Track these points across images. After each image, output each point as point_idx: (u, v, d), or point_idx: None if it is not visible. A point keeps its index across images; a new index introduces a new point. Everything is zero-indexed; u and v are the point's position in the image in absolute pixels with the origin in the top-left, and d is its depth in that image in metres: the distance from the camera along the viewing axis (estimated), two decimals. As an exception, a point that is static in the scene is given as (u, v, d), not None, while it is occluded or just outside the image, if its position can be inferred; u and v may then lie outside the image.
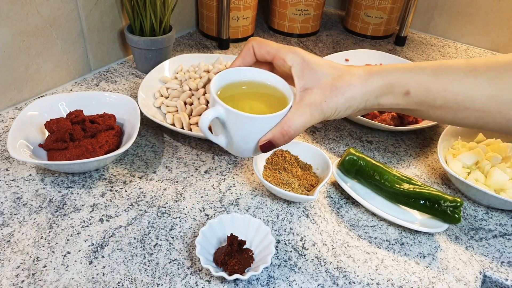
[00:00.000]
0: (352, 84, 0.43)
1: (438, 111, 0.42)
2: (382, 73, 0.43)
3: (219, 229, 0.48)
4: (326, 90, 0.43)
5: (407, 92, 0.42)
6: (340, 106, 0.43)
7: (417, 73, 0.42)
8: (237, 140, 0.45)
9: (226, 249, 0.45)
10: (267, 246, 0.46)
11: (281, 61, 0.45)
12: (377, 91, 0.43)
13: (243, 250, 0.46)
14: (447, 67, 0.42)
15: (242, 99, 0.47)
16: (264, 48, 0.46)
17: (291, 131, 0.43)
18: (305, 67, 0.44)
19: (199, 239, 0.46)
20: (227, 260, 0.44)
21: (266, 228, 0.48)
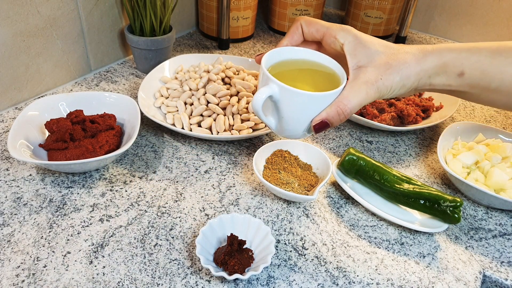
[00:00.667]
0: (407, 62, 0.42)
1: (492, 94, 0.41)
2: (436, 52, 0.42)
3: (219, 229, 0.49)
4: (380, 68, 0.42)
5: (462, 73, 0.41)
6: (395, 84, 0.42)
7: (473, 54, 0.41)
8: (289, 120, 0.44)
9: (226, 249, 0.45)
10: (267, 246, 0.46)
11: (332, 38, 0.44)
12: (431, 70, 0.42)
13: (243, 250, 0.46)
14: (507, 49, 0.40)
15: (292, 78, 0.46)
16: (314, 26, 0.45)
17: (347, 109, 0.42)
18: (357, 44, 0.43)
19: (199, 239, 0.46)
20: (227, 260, 0.44)
21: (266, 228, 0.48)
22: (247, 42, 0.99)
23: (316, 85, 0.45)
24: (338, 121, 0.43)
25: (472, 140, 0.65)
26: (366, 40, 0.43)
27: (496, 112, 0.80)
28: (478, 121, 0.77)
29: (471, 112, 0.80)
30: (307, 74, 0.47)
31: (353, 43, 0.43)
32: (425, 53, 0.42)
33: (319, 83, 0.46)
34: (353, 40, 0.43)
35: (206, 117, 0.64)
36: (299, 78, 0.46)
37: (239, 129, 0.63)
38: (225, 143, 0.65)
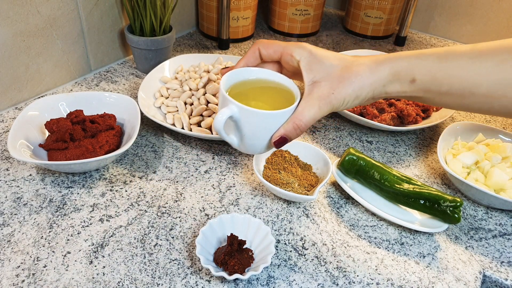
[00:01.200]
0: (360, 74, 0.44)
1: (444, 97, 0.43)
2: (388, 61, 0.44)
3: (219, 229, 0.49)
4: (334, 82, 0.44)
5: (413, 79, 0.43)
6: (348, 96, 0.44)
7: (422, 60, 0.42)
8: (249, 138, 0.46)
9: (226, 249, 0.45)
10: (267, 246, 0.46)
11: (289, 56, 0.46)
12: (384, 79, 0.43)
13: (243, 250, 0.46)
14: (453, 53, 0.42)
15: (250, 97, 0.48)
16: (271, 47, 0.47)
17: (302, 124, 0.44)
18: (312, 60, 0.45)
19: (199, 239, 0.46)
20: (227, 260, 0.44)
21: (266, 228, 0.48)
22: (247, 42, 0.99)
23: (274, 102, 0.48)
24: (295, 135, 0.45)
25: (472, 140, 0.65)
26: (321, 55, 0.45)
27: (496, 112, 0.80)
28: (478, 121, 0.77)
29: (471, 112, 0.80)
30: (265, 93, 0.49)
31: (308, 59, 0.45)
32: (377, 63, 0.44)
33: (276, 101, 0.48)
34: (308, 56, 0.45)
35: (206, 117, 0.64)
36: (258, 97, 0.49)
37: (239, 129, 0.63)
38: (225, 143, 0.65)
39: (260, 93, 0.49)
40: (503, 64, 0.39)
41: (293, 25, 1.01)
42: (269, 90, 0.49)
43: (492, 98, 0.40)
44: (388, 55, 0.45)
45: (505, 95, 0.39)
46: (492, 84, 0.40)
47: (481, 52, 0.41)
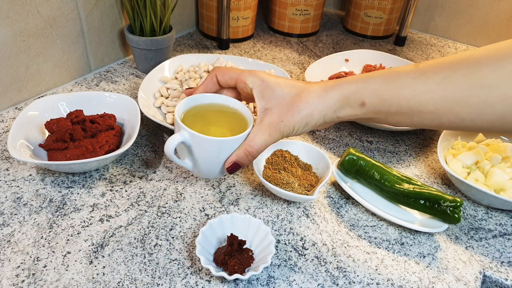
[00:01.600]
0: (309, 102, 0.45)
1: (395, 117, 0.44)
2: (337, 87, 0.45)
3: (219, 229, 0.49)
4: (284, 110, 0.46)
5: (363, 103, 0.44)
6: (298, 124, 0.46)
7: (369, 84, 0.44)
8: (202, 163, 0.48)
9: (226, 249, 0.45)
10: (267, 246, 0.46)
11: (243, 84, 0.48)
12: (334, 105, 0.45)
13: (243, 250, 0.46)
14: (397, 75, 0.43)
15: (205, 123, 0.50)
16: (227, 74, 0.49)
17: (253, 151, 0.46)
18: (264, 88, 0.46)
19: (199, 239, 0.46)
20: (227, 260, 0.44)
21: (266, 228, 0.48)
22: (247, 42, 0.99)
23: (228, 127, 0.50)
24: (247, 161, 0.47)
25: (472, 140, 0.65)
26: (273, 83, 0.46)
27: (496, 112, 0.80)
28: (478, 121, 0.77)
29: (471, 112, 0.80)
30: (220, 117, 0.51)
31: (260, 87, 0.47)
32: (326, 90, 0.45)
33: (231, 125, 0.50)
34: (260, 84, 0.47)
35: (206, 117, 0.64)
36: (213, 122, 0.51)
37: (239, 129, 0.63)
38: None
39: (215, 118, 0.51)
40: (445, 82, 0.40)
41: (293, 25, 1.01)
42: (225, 115, 0.51)
43: (440, 114, 0.41)
44: (337, 80, 0.46)
45: (451, 111, 0.40)
46: (437, 101, 0.41)
47: (425, 71, 0.41)
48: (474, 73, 0.38)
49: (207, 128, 0.49)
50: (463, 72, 0.39)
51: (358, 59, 0.86)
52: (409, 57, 0.98)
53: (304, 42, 1.02)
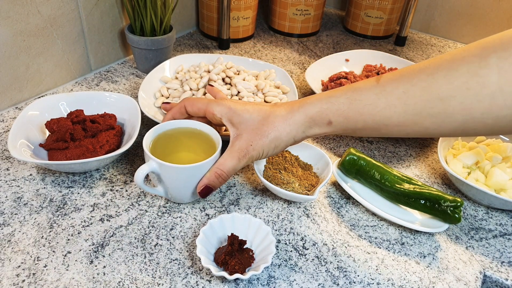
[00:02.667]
0: (275, 125, 0.46)
1: (362, 131, 0.45)
2: (302, 108, 0.46)
3: (219, 229, 0.49)
4: (252, 134, 0.47)
5: (329, 122, 0.45)
6: (266, 147, 0.47)
7: (333, 104, 0.44)
8: (174, 189, 0.50)
9: (226, 249, 0.45)
10: (268, 246, 0.46)
11: (211, 114, 0.50)
12: (302, 126, 0.46)
13: (244, 250, 0.46)
14: (359, 92, 0.44)
15: (174, 149, 0.52)
16: (196, 105, 0.51)
17: (223, 173, 0.48)
18: (232, 115, 0.48)
19: (200, 239, 0.46)
20: (228, 259, 0.44)
21: (267, 227, 0.48)
22: (248, 42, 0.99)
23: (198, 150, 0.52)
24: (218, 184, 0.49)
25: (473, 140, 0.65)
26: (240, 109, 0.48)
27: (497, 112, 0.80)
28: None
29: (471, 112, 0.80)
30: (189, 142, 0.53)
31: (228, 115, 0.48)
32: (292, 113, 0.46)
33: (200, 148, 0.52)
34: (227, 112, 0.48)
35: (206, 117, 0.64)
36: (182, 147, 0.53)
37: (239, 129, 0.63)
38: (225, 143, 0.65)
39: (184, 143, 0.53)
40: (405, 96, 0.41)
41: (293, 25, 1.01)
42: (193, 139, 0.53)
43: (405, 126, 0.42)
44: (301, 101, 0.47)
45: (415, 123, 0.41)
46: (400, 115, 0.41)
47: (384, 86, 0.42)
48: (431, 86, 0.39)
49: (176, 154, 0.52)
50: (421, 85, 0.40)
51: (358, 59, 0.86)
52: (409, 57, 0.98)
53: (305, 42, 1.02)
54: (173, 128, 0.54)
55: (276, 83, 0.73)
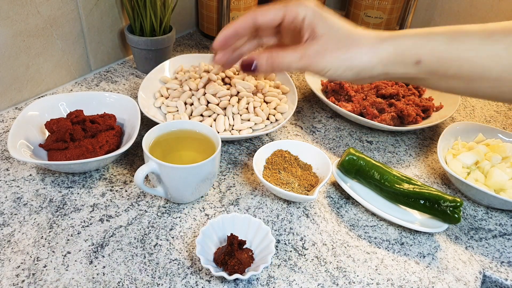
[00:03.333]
0: (360, 45, 0.40)
1: (450, 81, 0.40)
2: (392, 39, 0.40)
3: (219, 229, 0.49)
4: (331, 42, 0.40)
5: (418, 61, 0.39)
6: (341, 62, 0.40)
7: (429, 41, 0.39)
8: (173, 189, 0.50)
9: (226, 249, 0.45)
10: (267, 246, 0.46)
11: (294, 13, 0.42)
12: (386, 59, 0.40)
13: (243, 250, 0.46)
14: (463, 34, 0.38)
15: (175, 149, 0.53)
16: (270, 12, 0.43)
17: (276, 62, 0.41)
18: (319, 18, 0.41)
19: (199, 239, 0.46)
20: (227, 260, 0.44)
21: (266, 227, 0.48)
22: (247, 42, 0.99)
23: (196, 152, 0.53)
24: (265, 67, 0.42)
25: (472, 140, 0.65)
26: (326, 15, 0.42)
27: (496, 112, 0.80)
28: (478, 121, 0.77)
29: (471, 112, 0.80)
30: (189, 142, 0.54)
31: (313, 16, 0.41)
32: (380, 40, 0.40)
33: (199, 148, 0.53)
34: (313, 14, 0.41)
35: (206, 117, 0.64)
36: (182, 147, 0.53)
37: (239, 129, 0.63)
38: (225, 143, 0.65)
39: (185, 143, 0.53)
40: None
41: (293, 25, 1.01)
42: (193, 139, 0.54)
43: (503, 82, 0.37)
44: (393, 32, 0.41)
45: None
46: (504, 68, 0.37)
47: (494, 33, 0.38)
48: None
49: (177, 153, 0.52)
50: None
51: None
52: (409, 57, 0.98)
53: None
54: (173, 129, 0.54)
55: (275, 83, 0.73)
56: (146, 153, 0.48)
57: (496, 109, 0.81)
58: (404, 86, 0.78)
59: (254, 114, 0.65)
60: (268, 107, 0.67)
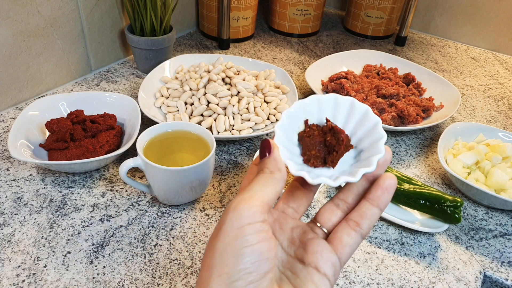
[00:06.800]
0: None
1: None
2: None
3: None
4: None
5: None
6: None
7: None
8: (157, 188, 0.50)
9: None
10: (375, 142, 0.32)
11: None
12: None
13: None
14: None
15: (171, 148, 0.53)
16: None
17: None
18: None
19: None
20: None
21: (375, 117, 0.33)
22: (248, 42, 0.99)
23: (191, 154, 0.53)
24: None
25: (473, 140, 0.65)
26: None
27: (497, 112, 0.80)
28: (478, 121, 0.77)
29: (471, 112, 0.80)
30: (184, 143, 0.54)
31: None
32: None
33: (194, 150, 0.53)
34: None
35: (206, 117, 0.64)
36: (177, 148, 0.53)
37: (239, 129, 0.63)
38: (225, 143, 0.65)
39: (181, 144, 0.53)
40: None
41: (293, 25, 1.01)
42: (189, 140, 0.54)
43: None
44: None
45: None
46: None
47: None
48: None
49: (173, 154, 0.52)
50: None
51: (358, 59, 0.86)
52: (409, 57, 0.98)
53: (305, 42, 1.02)
54: (168, 130, 0.54)
55: (276, 83, 0.73)
56: (138, 149, 0.49)
57: (497, 109, 0.81)
58: (404, 86, 0.78)
59: (254, 114, 0.65)
60: (268, 107, 0.67)
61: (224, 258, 0.27)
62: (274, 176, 0.30)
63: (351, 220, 0.32)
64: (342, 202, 0.34)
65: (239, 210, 0.28)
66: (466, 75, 0.93)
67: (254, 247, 0.27)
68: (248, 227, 0.27)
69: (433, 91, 0.79)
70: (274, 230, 0.33)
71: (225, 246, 0.27)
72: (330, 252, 0.31)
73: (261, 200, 0.29)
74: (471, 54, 1.03)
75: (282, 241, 0.33)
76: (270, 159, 0.31)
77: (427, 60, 0.98)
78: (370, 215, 0.32)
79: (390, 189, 0.32)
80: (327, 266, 0.30)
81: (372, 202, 0.32)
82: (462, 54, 1.02)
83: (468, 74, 0.93)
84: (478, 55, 1.03)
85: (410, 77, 0.81)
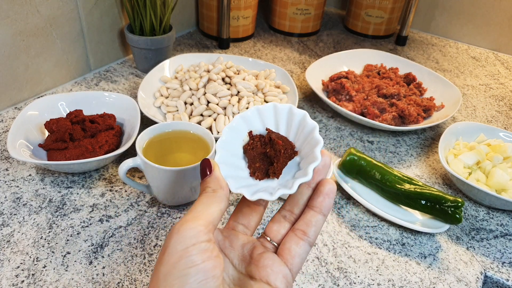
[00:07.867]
0: None
1: None
2: None
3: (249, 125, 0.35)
4: None
5: None
6: None
7: None
8: (155, 188, 0.50)
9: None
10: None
11: None
12: None
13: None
14: None
15: (168, 150, 0.52)
16: None
17: None
18: None
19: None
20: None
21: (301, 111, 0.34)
22: (248, 42, 0.98)
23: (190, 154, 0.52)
24: None
25: (474, 140, 0.65)
26: None
27: (498, 112, 0.80)
28: (479, 121, 0.77)
29: (472, 112, 0.80)
30: (184, 143, 0.53)
31: None
32: None
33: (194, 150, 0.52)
34: None
35: (206, 117, 0.64)
36: (176, 148, 0.53)
37: (239, 129, 0.63)
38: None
39: (180, 144, 0.53)
40: None
41: (293, 25, 1.01)
42: (189, 140, 0.53)
43: None
44: None
45: None
46: None
47: None
48: None
49: (172, 154, 0.52)
50: None
51: (359, 59, 0.86)
52: (410, 57, 0.98)
53: (305, 41, 1.02)
54: (168, 130, 0.53)
55: (276, 83, 0.73)
56: (137, 148, 0.49)
57: (498, 109, 0.81)
58: (405, 86, 0.78)
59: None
60: (268, 107, 0.67)
61: (169, 280, 0.27)
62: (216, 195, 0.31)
63: (298, 229, 0.33)
64: (288, 213, 0.34)
65: (183, 232, 0.28)
66: (467, 75, 0.93)
67: (199, 267, 0.27)
68: (193, 248, 0.27)
69: (434, 91, 0.78)
70: (224, 248, 0.33)
71: (169, 269, 0.27)
72: (281, 264, 0.31)
73: (205, 220, 0.29)
74: (472, 53, 1.03)
75: (233, 258, 0.33)
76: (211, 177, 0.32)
77: (428, 59, 0.98)
78: (315, 222, 0.33)
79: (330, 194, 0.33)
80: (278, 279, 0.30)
81: (315, 209, 0.33)
82: (463, 53, 1.02)
83: (469, 74, 0.93)
84: (479, 54, 1.02)
85: (411, 76, 0.80)
